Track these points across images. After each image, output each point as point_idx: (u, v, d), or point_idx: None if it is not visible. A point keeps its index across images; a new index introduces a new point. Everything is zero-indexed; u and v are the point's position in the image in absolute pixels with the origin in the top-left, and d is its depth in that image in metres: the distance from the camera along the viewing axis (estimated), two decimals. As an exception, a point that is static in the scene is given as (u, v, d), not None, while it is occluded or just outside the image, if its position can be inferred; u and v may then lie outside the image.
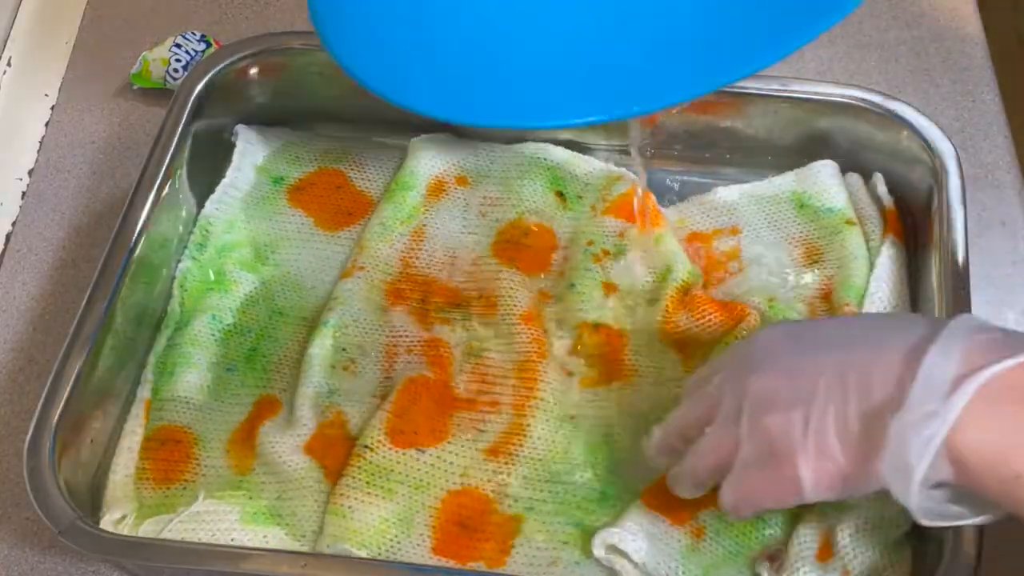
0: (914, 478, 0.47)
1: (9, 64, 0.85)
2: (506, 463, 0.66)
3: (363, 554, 0.62)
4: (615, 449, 0.67)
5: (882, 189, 0.75)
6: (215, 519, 0.63)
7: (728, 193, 0.78)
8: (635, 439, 0.67)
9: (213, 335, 0.72)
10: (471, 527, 0.64)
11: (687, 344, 0.71)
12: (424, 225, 0.76)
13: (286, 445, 0.66)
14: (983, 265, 0.77)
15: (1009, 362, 0.46)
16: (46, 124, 0.85)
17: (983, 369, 0.46)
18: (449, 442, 0.67)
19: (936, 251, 0.68)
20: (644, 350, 0.70)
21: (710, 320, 0.71)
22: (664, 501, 0.63)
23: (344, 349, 0.70)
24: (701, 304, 0.71)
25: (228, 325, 0.72)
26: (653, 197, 0.76)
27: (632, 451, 0.67)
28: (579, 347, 0.71)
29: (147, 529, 0.64)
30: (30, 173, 0.83)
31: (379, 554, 0.62)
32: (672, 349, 0.71)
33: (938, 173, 0.71)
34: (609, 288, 0.73)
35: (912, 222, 0.74)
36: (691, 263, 0.74)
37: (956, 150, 0.72)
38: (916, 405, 0.47)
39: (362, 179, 0.79)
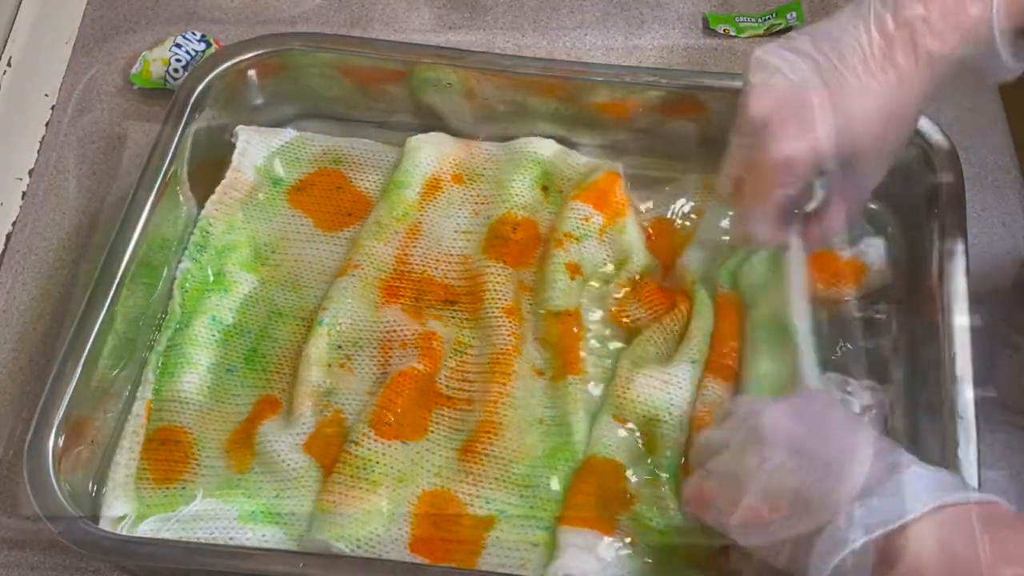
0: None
1: (9, 64, 0.84)
2: (476, 463, 0.66)
3: (342, 547, 0.62)
4: (575, 451, 0.67)
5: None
6: (214, 518, 0.63)
7: (692, 181, 0.77)
8: (590, 438, 0.67)
9: (213, 336, 0.72)
10: (443, 527, 0.64)
11: (633, 334, 0.72)
12: (419, 223, 0.76)
13: (285, 444, 0.66)
14: (983, 265, 0.77)
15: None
16: (46, 124, 0.85)
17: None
18: (427, 439, 0.67)
19: (936, 251, 0.68)
20: (596, 345, 0.71)
21: (656, 311, 0.72)
22: (585, 515, 0.63)
23: (340, 347, 0.70)
24: (650, 295, 0.72)
25: (228, 326, 0.72)
26: (621, 184, 0.76)
27: (589, 453, 0.67)
28: (543, 338, 0.71)
29: (147, 529, 0.64)
30: (30, 173, 0.82)
31: (357, 548, 0.62)
32: (621, 340, 0.72)
33: (938, 173, 0.71)
34: (572, 270, 0.73)
35: (912, 222, 0.74)
36: (649, 255, 0.74)
37: (956, 150, 0.72)
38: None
39: (362, 179, 0.79)
